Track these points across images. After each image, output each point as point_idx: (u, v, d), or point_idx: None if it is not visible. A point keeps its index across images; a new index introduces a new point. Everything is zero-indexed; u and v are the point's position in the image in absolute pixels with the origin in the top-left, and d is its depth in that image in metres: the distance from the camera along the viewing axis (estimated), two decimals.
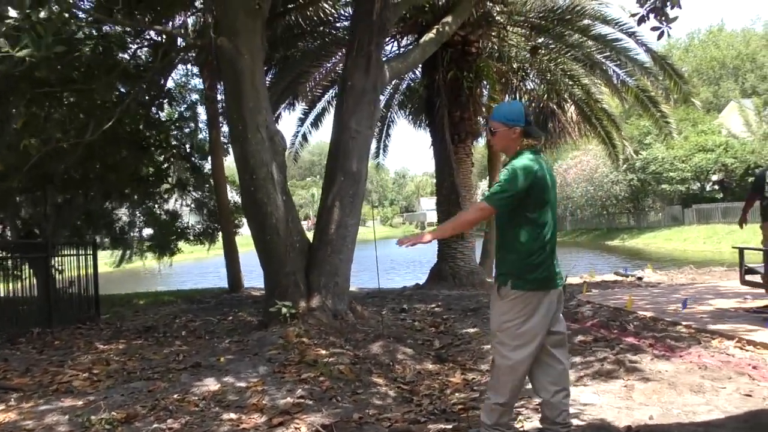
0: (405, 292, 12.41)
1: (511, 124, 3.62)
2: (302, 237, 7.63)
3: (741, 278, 7.42)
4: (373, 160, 18.42)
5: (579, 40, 13.10)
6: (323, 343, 6.47)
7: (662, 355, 5.62)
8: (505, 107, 3.74)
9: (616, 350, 5.85)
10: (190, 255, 29.62)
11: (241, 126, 7.11)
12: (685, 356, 5.57)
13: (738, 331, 6.27)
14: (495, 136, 3.71)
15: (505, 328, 3.55)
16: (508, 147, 3.68)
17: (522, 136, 3.64)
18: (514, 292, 3.50)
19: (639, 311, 7.69)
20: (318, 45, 13.61)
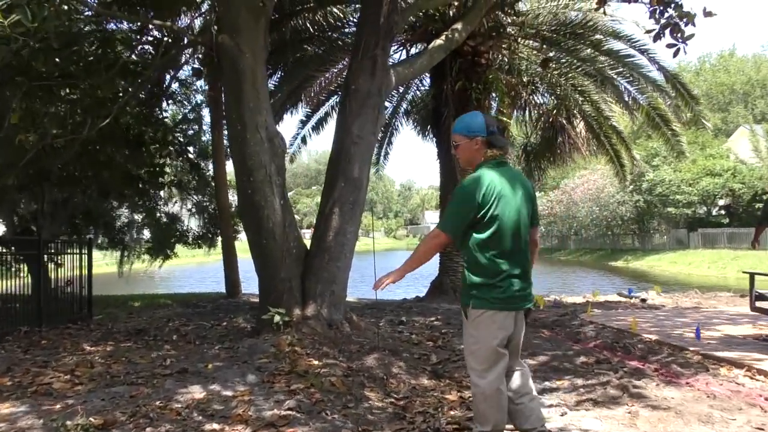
0: (405, 304, 12.16)
1: (472, 135, 3.54)
2: (299, 243, 7.41)
3: (751, 304, 7.18)
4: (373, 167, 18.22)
5: (591, 55, 12.90)
6: (316, 353, 6.24)
7: (668, 382, 5.38)
8: (466, 118, 3.65)
9: (620, 374, 5.61)
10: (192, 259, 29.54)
11: (240, 126, 6.90)
12: (692, 383, 5.33)
13: (747, 359, 6.03)
14: (458, 149, 3.62)
15: (472, 350, 3.48)
16: (472, 160, 3.59)
17: (485, 147, 3.54)
18: (476, 312, 3.41)
19: (643, 334, 7.45)
20: (325, 50, 13.42)
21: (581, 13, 12.66)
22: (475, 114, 3.68)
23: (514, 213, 3.43)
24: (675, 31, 6.92)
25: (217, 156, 14.58)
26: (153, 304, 13.45)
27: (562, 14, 12.85)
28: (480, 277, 3.41)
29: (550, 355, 6.57)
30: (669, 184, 38.63)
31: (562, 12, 12.89)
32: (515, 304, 3.44)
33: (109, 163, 11.08)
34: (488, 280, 3.39)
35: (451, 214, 3.45)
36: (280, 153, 7.26)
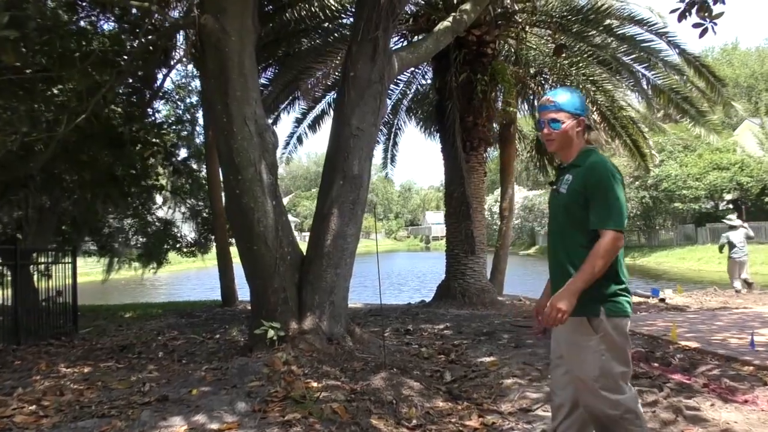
0: (410, 309, 11.43)
1: (578, 114, 2.99)
2: (294, 248, 6.66)
3: None
4: (380, 173, 17.46)
5: (604, 42, 12.16)
6: (315, 373, 5.51)
7: (724, 399, 4.64)
8: (567, 93, 3.07)
9: (666, 391, 4.85)
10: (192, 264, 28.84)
11: (225, 118, 6.17)
12: (750, 402, 4.59)
13: None
14: (559, 130, 2.99)
15: (607, 370, 2.83)
16: (570, 143, 3.02)
17: (584, 130, 3.04)
18: (612, 321, 2.83)
19: (679, 341, 6.71)
20: (322, 42, 12.72)
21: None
22: (575, 90, 3.16)
23: None
24: (702, 9, 6.24)
25: (211, 158, 13.89)
26: (145, 314, 12.77)
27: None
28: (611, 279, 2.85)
29: None
30: (675, 179, 37.88)
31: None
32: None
33: (92, 164, 10.34)
34: (620, 281, 2.88)
35: (619, 206, 2.82)
36: (272, 149, 6.52)
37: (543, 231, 55.59)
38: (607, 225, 2.79)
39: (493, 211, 34.12)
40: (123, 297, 19.26)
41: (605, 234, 2.78)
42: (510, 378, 5.56)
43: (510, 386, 5.34)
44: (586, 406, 2.89)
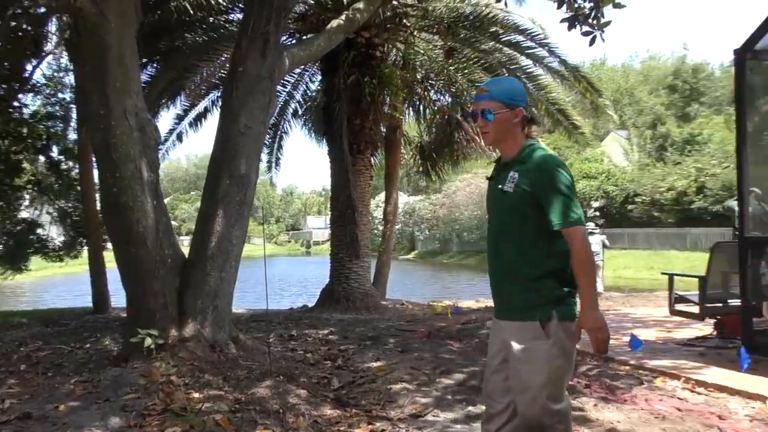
0: (293, 315, 11.19)
1: (514, 104, 2.81)
2: (176, 251, 6.29)
3: (671, 307, 6.78)
4: (264, 176, 17.02)
5: (492, 48, 12.45)
6: (196, 383, 5.21)
7: (606, 399, 4.76)
8: (503, 83, 2.96)
9: None
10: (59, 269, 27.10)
11: (103, 111, 5.73)
12: (630, 401, 4.75)
13: (681, 368, 5.56)
14: (493, 122, 2.82)
15: (559, 376, 2.73)
16: (507, 136, 2.85)
17: (524, 122, 2.85)
18: (563, 324, 2.71)
19: None
20: (208, 38, 12.24)
21: (481, 6, 12.17)
22: (510, 79, 3.04)
23: None
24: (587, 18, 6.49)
25: (84, 157, 13.05)
26: (5, 323, 11.77)
27: (461, 6, 12.34)
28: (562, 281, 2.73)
29: (466, 373, 5.82)
30: None
31: (461, 3, 12.38)
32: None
33: None
34: (569, 283, 2.73)
35: (573, 199, 2.70)
36: (153, 144, 6.14)
37: (422, 236, 56.61)
38: (571, 222, 2.65)
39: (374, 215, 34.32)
40: None
41: (574, 232, 2.65)
42: (398, 383, 5.48)
43: (399, 392, 5.26)
44: (524, 414, 2.76)
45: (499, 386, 2.87)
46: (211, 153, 6.77)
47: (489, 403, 2.94)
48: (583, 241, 2.64)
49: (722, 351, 6.24)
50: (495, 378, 2.90)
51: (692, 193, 33.59)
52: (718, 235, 31.64)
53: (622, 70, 66.44)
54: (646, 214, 36.68)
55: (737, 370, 5.33)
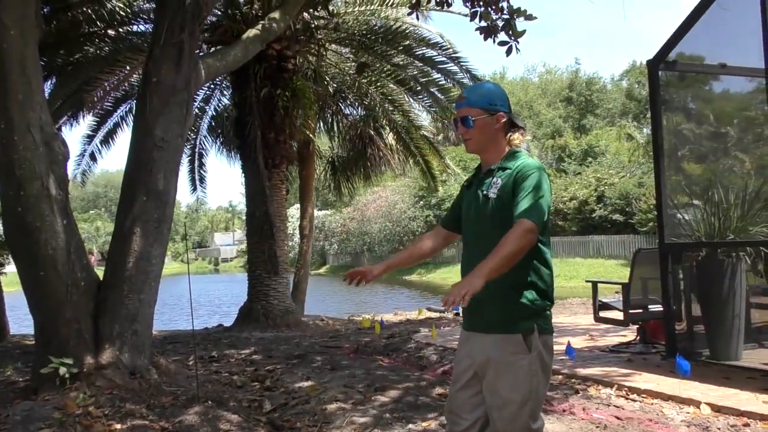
0: (210, 335, 10.80)
1: (494, 109, 2.72)
2: (89, 273, 5.88)
3: (595, 315, 6.89)
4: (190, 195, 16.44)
5: (404, 62, 12.49)
6: (117, 413, 4.87)
7: (543, 410, 4.74)
8: (482, 88, 2.93)
9: None
10: None
11: (4, 124, 5.30)
12: (568, 411, 4.75)
13: (611, 375, 5.63)
14: (474, 129, 2.73)
15: (539, 394, 2.64)
16: (491, 142, 2.77)
17: (507, 129, 2.77)
18: (543, 338, 2.63)
19: None
20: (110, 50, 11.73)
21: (391, 20, 12.22)
22: (490, 83, 2.98)
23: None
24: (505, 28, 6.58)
25: None
26: None
27: (372, 19, 12.34)
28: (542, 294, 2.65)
29: (401, 389, 5.70)
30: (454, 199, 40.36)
31: (371, 16, 12.37)
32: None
33: None
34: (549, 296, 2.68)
35: (543, 202, 2.56)
36: (61, 160, 5.73)
37: (333, 250, 56.40)
38: (528, 216, 2.52)
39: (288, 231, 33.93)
40: None
41: (522, 222, 2.51)
42: (333, 403, 5.30)
43: (334, 411, 5.08)
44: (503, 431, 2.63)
45: (467, 402, 2.74)
46: (125, 168, 6.40)
47: (453, 420, 2.79)
48: (521, 230, 2.48)
49: (647, 356, 6.38)
50: (462, 394, 2.77)
51: (593, 202, 34.96)
52: (619, 242, 33.21)
53: (521, 84, 68.50)
54: (550, 222, 37.87)
55: (665, 375, 5.45)
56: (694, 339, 5.86)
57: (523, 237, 2.48)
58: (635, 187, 32.97)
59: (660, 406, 4.78)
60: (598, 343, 7.38)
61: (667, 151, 6.35)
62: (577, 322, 9.52)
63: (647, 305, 6.55)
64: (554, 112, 59.55)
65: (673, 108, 6.83)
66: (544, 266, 2.66)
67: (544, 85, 67.37)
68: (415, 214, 44.78)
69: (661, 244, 5.99)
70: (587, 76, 63.56)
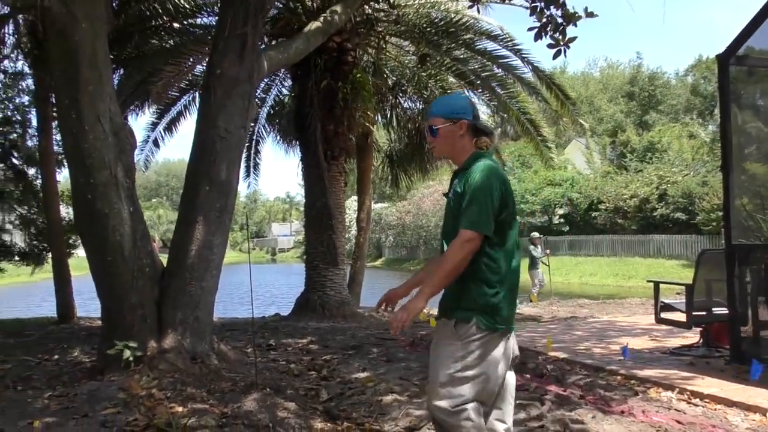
0: (268, 323, 10.96)
1: (456, 117, 2.96)
2: (154, 260, 6.06)
3: (656, 315, 6.73)
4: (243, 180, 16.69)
5: (464, 55, 12.39)
6: (179, 396, 4.99)
7: (603, 411, 4.66)
8: (446, 99, 3.25)
9: (547, 405, 4.82)
10: (17, 278, 26.32)
11: (75, 115, 5.48)
12: (627, 412, 4.64)
13: (672, 378, 5.48)
14: (437, 136, 3.01)
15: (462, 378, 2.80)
16: (455, 149, 3.02)
17: (471, 133, 2.99)
18: (483, 335, 2.81)
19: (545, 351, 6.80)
20: (176, 42, 12.00)
21: (452, 13, 12.14)
22: (456, 94, 3.36)
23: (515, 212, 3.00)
24: (556, 30, 6.48)
25: (47, 164, 12.72)
26: None
27: (432, 11, 12.28)
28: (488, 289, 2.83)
29: None
30: (514, 194, 39.94)
31: (432, 9, 12.32)
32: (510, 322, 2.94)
33: None
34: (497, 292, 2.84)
35: (482, 209, 2.77)
36: (129, 149, 5.91)
37: (389, 243, 56.57)
38: (466, 225, 2.77)
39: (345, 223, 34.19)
40: None
41: (461, 233, 2.76)
42: (389, 395, 5.32)
43: (390, 403, 5.10)
44: (428, 404, 2.92)
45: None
46: (189, 159, 6.54)
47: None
48: (457, 243, 2.75)
49: (710, 360, 6.19)
50: None
51: (654, 200, 34.06)
52: (680, 242, 32.28)
53: (582, 78, 67.22)
54: (609, 221, 37.09)
55: (729, 380, 5.29)
56: (760, 344, 5.65)
57: (460, 249, 2.75)
58: (698, 186, 32.02)
59: (724, 411, 4.63)
60: (658, 344, 7.21)
61: (737, 149, 6.15)
62: (636, 322, 9.35)
63: (711, 308, 6.34)
64: (615, 108, 58.26)
65: (741, 105, 6.60)
66: (491, 267, 2.82)
67: (605, 79, 65.99)
68: None
69: (728, 245, 5.81)
70: (650, 70, 61.91)
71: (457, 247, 2.76)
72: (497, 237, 2.82)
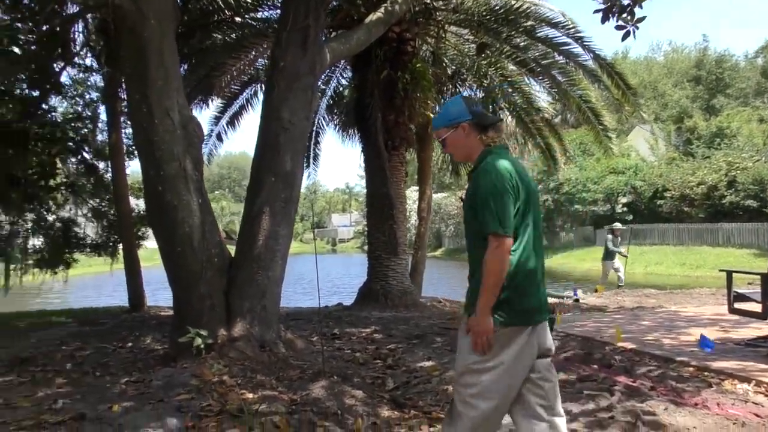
0: (332, 313, 11.08)
1: (455, 122, 3.05)
2: (222, 250, 6.20)
3: (729, 306, 6.52)
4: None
5: (524, 42, 12.20)
6: (249, 383, 5.11)
7: (676, 403, 4.55)
8: (443, 109, 3.24)
9: (617, 396, 4.74)
10: (89, 268, 27.24)
11: (145, 109, 5.65)
12: (701, 405, 4.53)
13: (749, 370, 5.30)
14: (447, 145, 3.14)
15: (476, 370, 2.89)
16: (468, 151, 3.08)
17: (477, 131, 3.03)
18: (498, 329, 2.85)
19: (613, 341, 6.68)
20: (238, 36, 12.18)
21: (513, 0, 11.96)
22: (452, 100, 3.22)
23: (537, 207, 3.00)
24: (622, 11, 6.31)
25: (116, 157, 13.11)
26: (43, 322, 11.80)
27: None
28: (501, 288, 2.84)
29: None
30: (576, 183, 39.22)
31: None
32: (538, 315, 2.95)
33: None
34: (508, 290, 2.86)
35: (497, 211, 2.81)
36: (197, 142, 6.05)
37: (449, 233, 56.38)
38: (488, 229, 2.81)
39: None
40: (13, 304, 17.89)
41: (489, 240, 2.81)
42: None
43: None
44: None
45: None
46: (255, 151, 6.66)
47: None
48: (492, 248, 2.79)
49: None
50: None
51: (723, 188, 32.90)
52: (752, 231, 31.14)
53: (645, 63, 65.46)
54: (675, 209, 36.05)
55: None
56: None
57: (492, 257, 2.79)
58: None
59: None
60: (730, 335, 6.99)
61: None
62: (702, 312, 9.09)
63: None
64: (681, 93, 56.55)
65: None
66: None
67: (669, 64, 64.12)
68: None
69: None
70: (717, 53, 59.83)
71: (490, 256, 2.80)
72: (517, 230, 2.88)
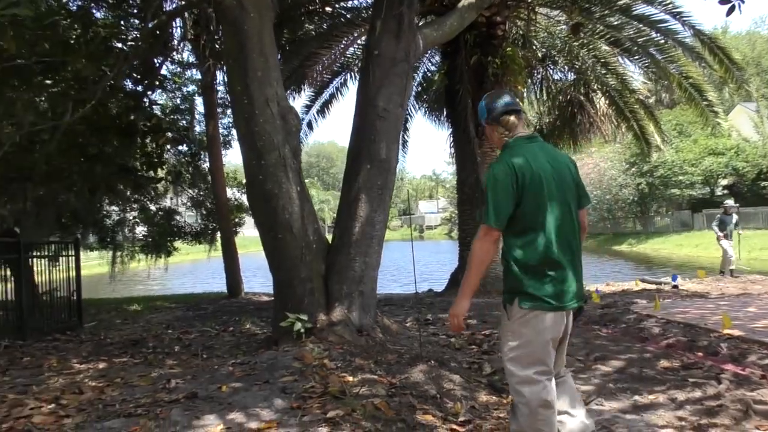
0: (423, 299, 11.16)
1: (483, 120, 3.37)
2: (320, 236, 6.36)
3: None
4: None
5: (619, 21, 11.82)
6: (348, 367, 5.22)
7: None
8: (480, 103, 3.44)
9: (725, 384, 4.59)
10: (186, 256, 28.41)
11: (246, 100, 5.84)
12: None
13: None
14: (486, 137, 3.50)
15: (514, 350, 3.08)
16: (497, 145, 3.34)
17: (501, 126, 3.23)
18: (521, 311, 3.03)
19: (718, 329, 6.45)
20: (329, 25, 12.36)
21: None
22: (484, 97, 3.42)
23: (561, 193, 3.08)
24: None
25: (213, 148, 13.61)
26: (150, 307, 12.43)
27: None
28: (524, 271, 3.03)
29: (624, 360, 5.56)
30: (671, 165, 37.75)
31: None
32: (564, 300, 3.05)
33: (101, 156, 9.98)
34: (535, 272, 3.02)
35: (491, 205, 3.01)
36: (295, 132, 6.20)
37: None
38: (482, 220, 3.04)
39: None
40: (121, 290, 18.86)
41: (479, 229, 3.06)
42: None
43: None
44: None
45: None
46: (350, 139, 6.77)
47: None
48: (477, 239, 3.04)
49: None
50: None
51: None
52: None
53: (748, 38, 62.15)
54: None
55: None
56: None
57: (478, 245, 3.05)
58: None
59: None
60: None
61: None
62: None
63: None
64: None
65: None
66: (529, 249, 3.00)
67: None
68: (626, 182, 42.60)
69: None
70: None
71: (475, 243, 3.06)
72: (519, 223, 3.00)
